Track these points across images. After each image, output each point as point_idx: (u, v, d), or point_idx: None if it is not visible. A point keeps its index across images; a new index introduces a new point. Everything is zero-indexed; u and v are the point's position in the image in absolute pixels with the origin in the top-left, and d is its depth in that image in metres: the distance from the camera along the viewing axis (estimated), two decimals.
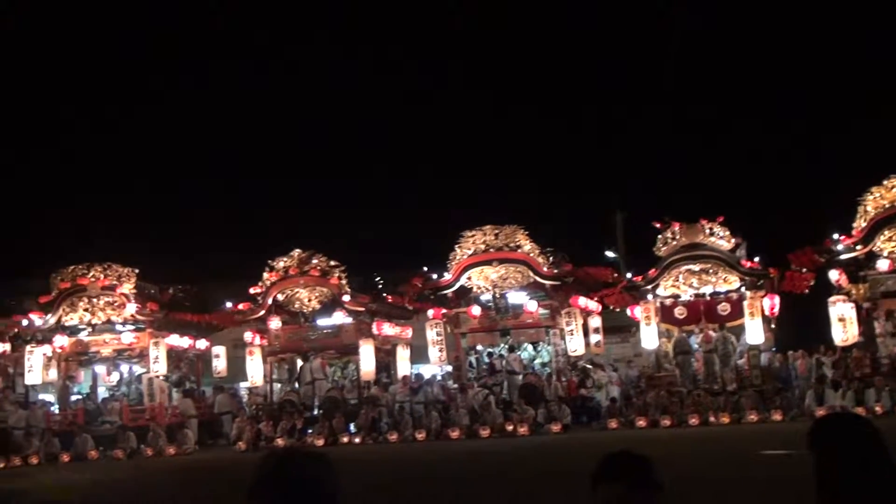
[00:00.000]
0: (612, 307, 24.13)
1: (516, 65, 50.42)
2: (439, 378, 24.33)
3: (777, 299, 21.86)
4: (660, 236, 22.20)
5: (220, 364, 26.09)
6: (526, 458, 16.41)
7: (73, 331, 23.38)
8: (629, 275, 23.47)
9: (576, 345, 22.75)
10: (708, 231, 21.90)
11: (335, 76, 52.61)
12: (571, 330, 22.67)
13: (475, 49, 49.38)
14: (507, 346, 23.81)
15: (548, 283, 23.05)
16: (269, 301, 23.20)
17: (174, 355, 24.42)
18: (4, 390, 24.88)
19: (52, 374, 23.71)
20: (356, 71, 51.92)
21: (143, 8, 52.60)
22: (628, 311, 23.19)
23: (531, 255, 22.94)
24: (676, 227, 22.02)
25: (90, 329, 23.44)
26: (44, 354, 23.27)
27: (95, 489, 15.88)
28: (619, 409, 21.54)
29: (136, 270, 23.52)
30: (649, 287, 22.13)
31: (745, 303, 21.45)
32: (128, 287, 23.22)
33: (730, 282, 22.00)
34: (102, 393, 25.35)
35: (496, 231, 23.11)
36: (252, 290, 23.37)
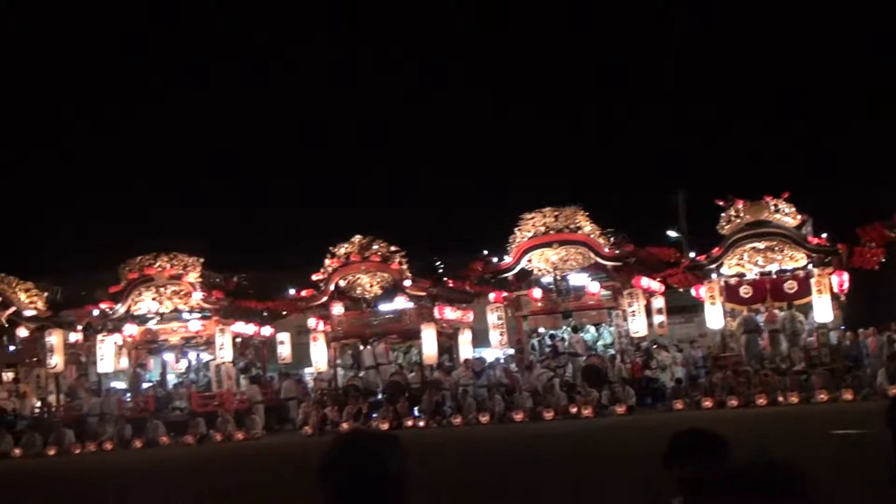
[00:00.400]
0: (675, 287, 23.85)
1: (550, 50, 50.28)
2: (502, 361, 24.36)
3: (846, 276, 21.38)
4: (723, 214, 21.85)
5: (284, 350, 26.49)
6: (591, 441, 16.33)
7: (141, 319, 23.90)
8: (692, 254, 23.17)
9: (639, 326, 22.54)
10: (773, 208, 21.49)
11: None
12: (634, 311, 22.45)
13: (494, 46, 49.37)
14: (569, 328, 23.71)
15: (609, 263, 22.85)
16: (332, 287, 23.42)
17: (240, 342, 24.82)
18: (79, 378, 25.63)
19: (124, 363, 24.33)
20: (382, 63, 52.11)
21: (143, 8, 53.41)
22: (692, 291, 22.92)
23: (592, 236, 22.76)
24: (740, 204, 21.65)
25: (158, 317, 23.93)
26: (115, 343, 23.87)
27: (170, 474, 16.20)
28: (685, 389, 21.33)
29: (201, 259, 23.92)
30: (713, 266, 21.82)
31: (813, 280, 21.00)
32: (193, 276, 23.63)
33: (796, 259, 21.57)
34: (172, 380, 25.92)
35: (556, 213, 22.96)
36: (314, 277, 23.61)
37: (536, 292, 23.08)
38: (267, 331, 26.23)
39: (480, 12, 47.92)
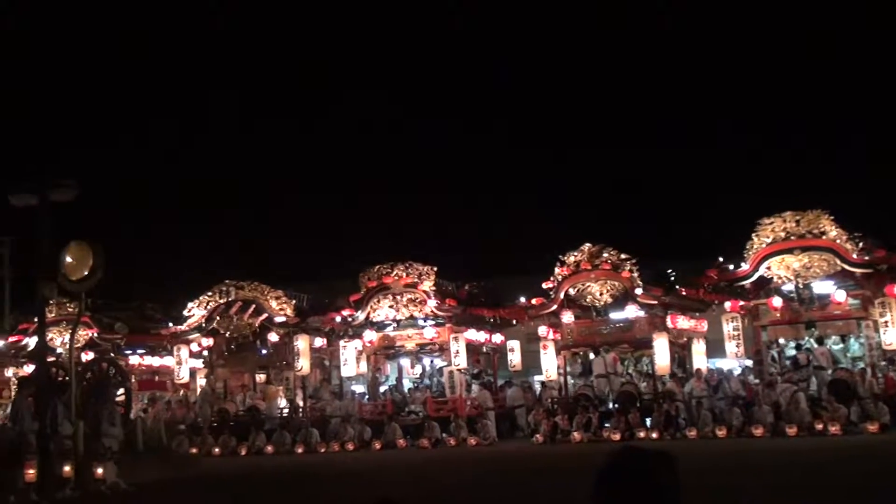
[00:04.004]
0: None
1: None
2: (738, 373, 23.42)
3: None
4: None
5: (514, 358, 26.80)
6: (841, 459, 15.35)
7: (380, 326, 24.91)
8: None
9: (892, 337, 20.92)
10: None
11: None
12: (886, 321, 20.88)
13: None
14: (812, 340, 22.40)
15: (858, 270, 21.35)
16: (561, 295, 23.39)
17: (472, 349, 25.32)
18: (323, 381, 27.12)
19: (363, 367, 25.45)
20: None
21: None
22: None
23: (838, 241, 21.36)
24: None
25: (395, 324, 24.87)
26: (355, 348, 25.05)
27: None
28: None
29: (435, 268, 24.61)
30: None
31: None
32: (428, 284, 24.34)
33: None
34: (407, 385, 26.88)
35: (797, 217, 21.75)
36: (544, 285, 23.68)
37: (776, 301, 21.97)
38: (498, 338, 26.61)
39: None
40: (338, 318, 25.10)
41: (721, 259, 22.94)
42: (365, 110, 57.47)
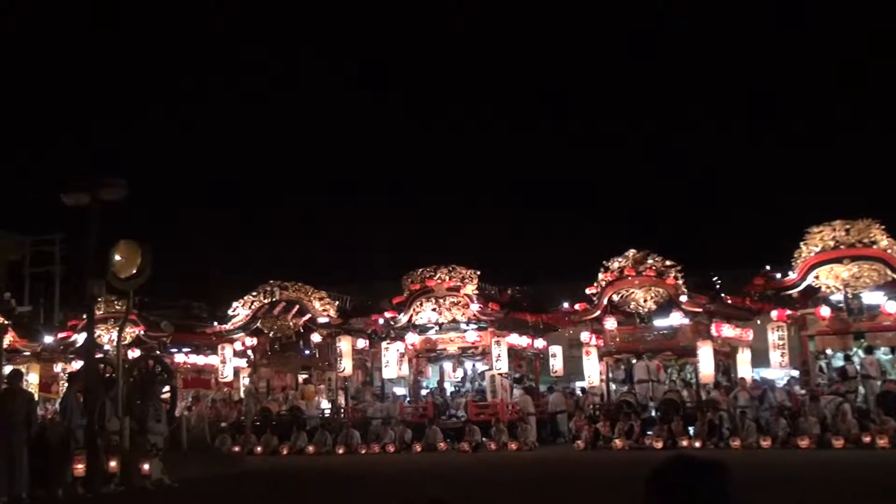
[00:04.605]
0: None
1: None
2: (783, 383, 23.07)
3: None
4: None
5: (556, 363, 26.70)
6: (888, 473, 15.07)
7: (422, 329, 24.95)
8: None
9: None
10: None
11: None
12: None
13: None
14: (861, 350, 22.01)
15: None
16: (605, 301, 23.25)
17: (514, 354, 25.26)
18: (364, 383, 27.24)
19: (405, 370, 25.51)
20: None
21: None
22: None
23: (889, 251, 20.99)
24: None
25: (437, 327, 24.89)
26: (397, 350, 25.12)
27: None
28: None
29: (478, 272, 24.59)
30: None
31: None
32: (471, 288, 24.32)
33: None
34: (448, 388, 26.88)
35: (847, 226, 21.41)
36: (588, 291, 23.56)
37: (824, 311, 21.64)
38: (540, 343, 26.53)
39: None
40: (380, 321, 25.18)
41: (768, 267, 22.66)
42: (385, 110, 57.85)
